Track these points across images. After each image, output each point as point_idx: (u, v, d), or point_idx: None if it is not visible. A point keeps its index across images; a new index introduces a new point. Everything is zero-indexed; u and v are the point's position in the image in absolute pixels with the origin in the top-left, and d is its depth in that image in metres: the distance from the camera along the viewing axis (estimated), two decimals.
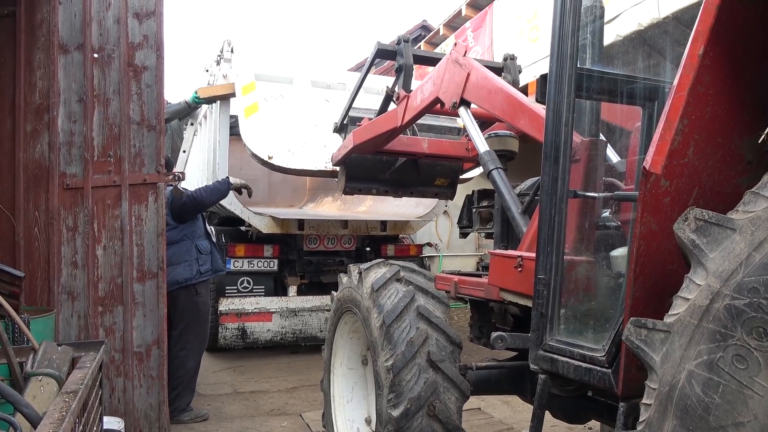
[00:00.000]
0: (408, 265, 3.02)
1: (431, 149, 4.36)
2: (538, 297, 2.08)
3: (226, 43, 6.31)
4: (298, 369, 6.28)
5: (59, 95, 3.90)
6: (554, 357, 1.99)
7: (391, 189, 4.78)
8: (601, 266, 2.14)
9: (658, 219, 1.55)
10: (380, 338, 2.65)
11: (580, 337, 1.99)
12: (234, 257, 6.47)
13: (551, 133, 2.08)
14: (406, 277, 2.87)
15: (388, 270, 2.93)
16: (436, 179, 4.78)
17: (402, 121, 3.82)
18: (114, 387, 3.94)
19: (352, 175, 4.58)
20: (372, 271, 2.99)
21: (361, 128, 4.22)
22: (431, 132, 4.72)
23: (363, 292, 2.91)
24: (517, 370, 2.88)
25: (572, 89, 2.05)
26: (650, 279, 1.60)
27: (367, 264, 3.09)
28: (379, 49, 4.04)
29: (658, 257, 1.59)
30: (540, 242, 2.10)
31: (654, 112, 2.27)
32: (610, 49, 2.50)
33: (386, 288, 2.80)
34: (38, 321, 3.25)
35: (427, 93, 3.61)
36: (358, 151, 4.32)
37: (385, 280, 2.82)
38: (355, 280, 3.04)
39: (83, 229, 3.93)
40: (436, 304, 2.77)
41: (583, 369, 1.86)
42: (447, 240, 11.44)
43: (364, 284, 2.93)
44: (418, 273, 2.98)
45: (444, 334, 2.67)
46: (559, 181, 2.05)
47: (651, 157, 1.51)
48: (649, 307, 1.57)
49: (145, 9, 4.06)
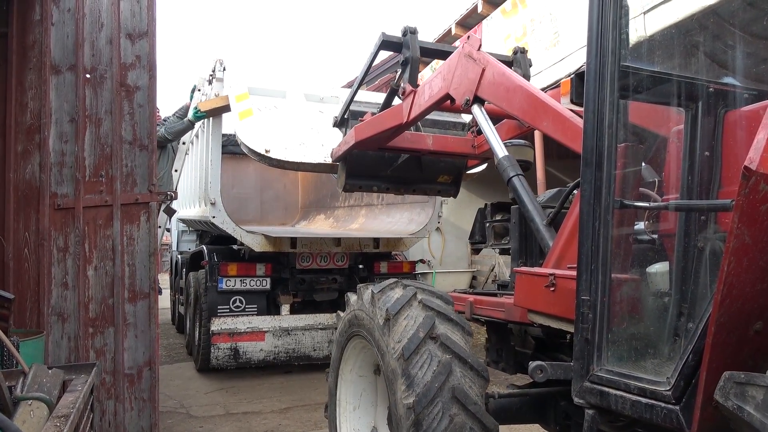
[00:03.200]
0: (424, 286, 2.72)
1: (436, 146, 4.18)
2: (583, 321, 1.85)
3: (218, 63, 6.34)
4: (291, 389, 6.21)
5: (51, 115, 3.90)
6: (604, 390, 1.76)
7: (393, 186, 4.63)
8: (657, 284, 1.91)
9: (753, 230, 1.32)
10: (398, 371, 2.35)
11: (635, 367, 1.76)
12: (226, 276, 6.42)
13: (592, 136, 1.88)
14: (424, 301, 2.56)
15: (403, 293, 2.61)
16: (440, 176, 4.64)
17: (408, 118, 3.62)
18: (104, 410, 3.88)
19: (352, 171, 4.41)
20: (386, 294, 2.68)
21: (363, 124, 4.01)
22: (435, 127, 4.49)
23: (376, 318, 2.61)
24: (541, 397, 2.65)
25: (615, 88, 1.86)
26: (738, 301, 1.38)
27: (380, 285, 2.78)
28: (384, 41, 3.80)
29: (748, 276, 1.37)
30: (582, 259, 1.88)
31: (698, 113, 1.99)
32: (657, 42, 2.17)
33: (403, 314, 2.50)
34: (28, 343, 3.20)
35: (436, 89, 3.38)
36: (359, 147, 4.11)
37: (401, 305, 2.52)
38: (368, 303, 2.75)
39: (74, 249, 3.89)
40: (458, 332, 2.45)
41: (642, 405, 1.62)
42: (440, 256, 11.44)
43: (377, 308, 2.63)
44: (437, 296, 2.67)
45: (469, 366, 2.35)
46: (604, 190, 1.84)
47: (759, 154, 1.27)
48: (733, 335, 1.38)
49: (137, 30, 4.09)
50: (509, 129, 3.93)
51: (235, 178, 10.25)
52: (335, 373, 3.19)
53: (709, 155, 1.93)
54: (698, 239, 1.85)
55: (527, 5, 8.31)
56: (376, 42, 3.87)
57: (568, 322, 2.12)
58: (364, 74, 4.20)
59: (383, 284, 2.75)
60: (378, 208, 8.24)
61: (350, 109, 4.40)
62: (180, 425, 5.03)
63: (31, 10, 3.89)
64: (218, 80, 6.33)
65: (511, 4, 8.63)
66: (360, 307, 2.83)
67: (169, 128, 6.46)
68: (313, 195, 10.46)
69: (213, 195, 6.10)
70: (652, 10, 5.32)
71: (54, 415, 2.27)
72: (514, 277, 2.95)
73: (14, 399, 2.33)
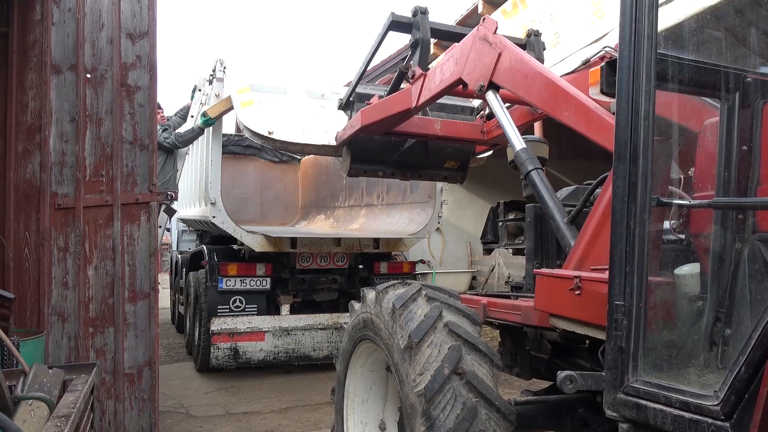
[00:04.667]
0: (450, 301, 2.58)
1: (444, 131, 4.01)
2: (616, 328, 1.73)
3: (218, 63, 6.34)
4: (291, 389, 6.21)
5: (51, 115, 3.90)
6: (641, 402, 1.65)
7: (398, 171, 4.52)
8: (700, 288, 1.82)
9: None
10: (417, 408, 2.21)
11: (676, 379, 1.65)
12: (226, 276, 6.42)
13: (625, 129, 1.76)
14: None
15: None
16: (446, 162, 4.53)
17: (416, 102, 3.48)
18: (104, 409, 3.88)
19: (357, 156, 4.30)
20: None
21: (370, 107, 3.85)
22: (443, 111, 4.35)
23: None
24: (558, 404, 2.55)
25: (651, 77, 1.74)
26: None
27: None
28: (393, 21, 3.63)
29: None
30: (615, 261, 1.77)
31: (735, 105, 1.86)
32: None
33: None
34: (28, 343, 3.21)
35: (447, 73, 3.22)
36: (365, 131, 3.96)
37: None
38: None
39: (74, 249, 3.89)
40: (485, 365, 2.30)
41: (686, 420, 1.51)
42: (440, 256, 11.44)
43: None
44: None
45: (495, 409, 2.21)
46: (639, 187, 1.72)
47: None
48: None
49: (138, 29, 4.09)
50: (521, 115, 3.80)
51: (236, 178, 10.24)
52: (345, 363, 3.06)
53: (747, 150, 1.83)
54: (738, 239, 1.77)
55: (528, 6, 8.31)
56: (385, 22, 3.69)
57: (596, 328, 2.02)
58: (372, 55, 4.05)
59: (405, 294, 2.52)
60: (378, 209, 8.24)
61: (356, 92, 4.25)
62: (180, 425, 5.03)
63: (32, 9, 3.89)
64: (218, 80, 6.33)
65: (512, 4, 8.64)
66: (377, 314, 2.64)
67: (179, 137, 6.48)
68: (313, 195, 10.46)
69: (213, 195, 6.10)
70: None
71: (54, 414, 2.27)
72: (530, 279, 2.85)
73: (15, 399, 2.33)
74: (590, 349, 2.55)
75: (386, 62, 11.80)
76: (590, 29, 7.12)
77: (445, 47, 8.62)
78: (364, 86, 4.33)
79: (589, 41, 6.95)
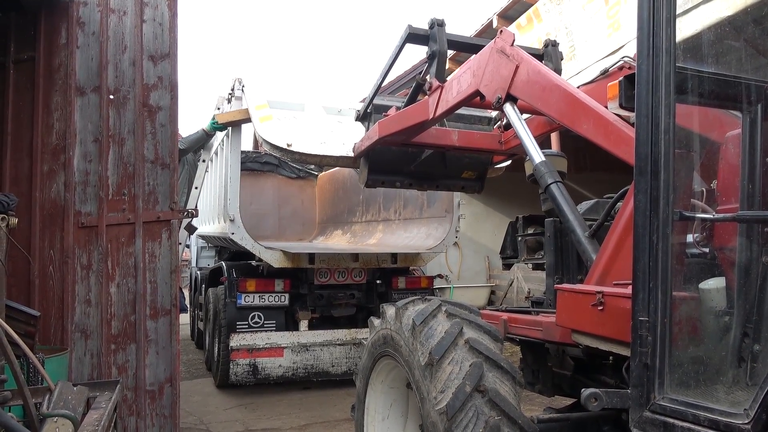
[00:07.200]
0: (470, 317, 2.56)
1: (461, 141, 4.02)
2: (641, 344, 1.70)
3: (236, 82, 6.44)
4: (310, 405, 6.20)
5: (75, 136, 3.99)
6: (668, 421, 1.62)
7: (416, 182, 4.52)
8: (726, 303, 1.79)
9: None
10: (439, 427, 2.18)
11: (704, 396, 1.62)
12: (245, 292, 6.45)
13: (646, 143, 1.75)
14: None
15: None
16: (464, 172, 4.53)
17: (434, 114, 3.49)
18: (126, 426, 3.91)
19: (374, 167, 4.33)
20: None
21: (387, 119, 3.90)
22: (460, 122, 4.36)
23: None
24: (581, 422, 2.50)
25: (672, 90, 1.74)
26: None
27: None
28: (410, 33, 3.64)
29: None
30: (638, 276, 1.75)
31: (758, 116, 1.85)
32: None
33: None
34: (52, 360, 3.25)
35: (465, 85, 3.22)
36: (383, 143, 3.99)
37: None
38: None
39: (97, 267, 3.96)
40: (507, 383, 2.27)
41: None
42: (458, 271, 11.38)
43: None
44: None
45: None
46: (661, 201, 1.70)
47: None
48: None
49: (159, 51, 4.18)
50: (539, 125, 3.78)
51: (254, 195, 10.33)
52: (365, 380, 3.04)
53: None
54: (765, 252, 1.73)
55: (543, 20, 8.33)
56: (402, 35, 3.71)
57: (620, 344, 2.00)
58: (389, 67, 4.08)
59: (425, 311, 2.50)
60: (395, 223, 8.24)
61: (374, 103, 4.29)
62: None
63: (58, 34, 4.01)
64: (237, 99, 6.42)
65: (527, 18, 8.66)
66: (397, 330, 2.62)
67: (183, 140, 6.52)
68: (330, 210, 10.50)
69: (232, 211, 6.16)
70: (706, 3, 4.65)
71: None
72: (551, 294, 2.81)
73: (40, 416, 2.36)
74: (614, 366, 2.49)
75: (402, 77, 11.88)
76: (606, 42, 7.10)
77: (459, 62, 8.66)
78: (382, 98, 4.36)
79: (605, 53, 6.93)
